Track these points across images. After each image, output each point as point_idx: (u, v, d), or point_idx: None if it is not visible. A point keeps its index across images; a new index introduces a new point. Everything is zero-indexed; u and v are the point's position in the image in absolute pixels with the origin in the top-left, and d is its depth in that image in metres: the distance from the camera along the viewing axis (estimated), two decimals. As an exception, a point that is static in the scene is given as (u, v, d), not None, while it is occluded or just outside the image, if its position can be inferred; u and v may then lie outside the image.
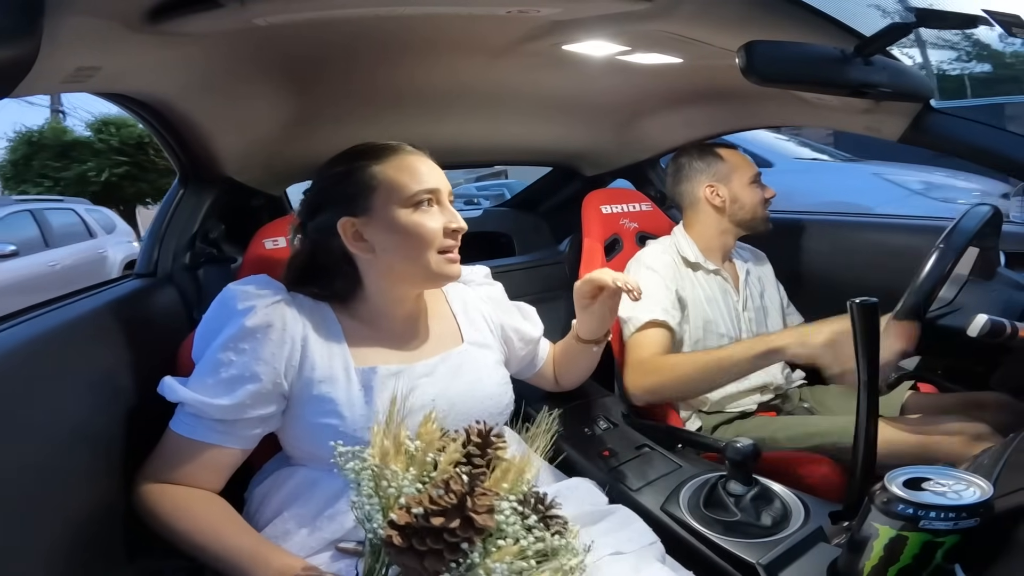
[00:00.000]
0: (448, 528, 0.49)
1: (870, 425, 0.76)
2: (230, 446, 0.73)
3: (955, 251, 0.85)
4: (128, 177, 9.92)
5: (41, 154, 9.89)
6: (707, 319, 1.27)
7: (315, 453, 0.76)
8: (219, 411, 0.71)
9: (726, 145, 1.41)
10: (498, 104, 1.33)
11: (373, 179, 0.78)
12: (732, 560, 0.78)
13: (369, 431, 0.72)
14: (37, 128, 10.17)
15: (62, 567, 0.62)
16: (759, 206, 1.33)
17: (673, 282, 1.26)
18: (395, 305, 0.83)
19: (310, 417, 0.75)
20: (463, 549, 0.50)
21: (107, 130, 9.96)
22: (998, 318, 0.81)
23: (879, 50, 0.87)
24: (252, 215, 1.39)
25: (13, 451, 0.59)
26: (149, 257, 1.12)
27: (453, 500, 0.50)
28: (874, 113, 1.11)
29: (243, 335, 0.73)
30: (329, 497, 0.74)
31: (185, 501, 0.71)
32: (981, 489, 0.58)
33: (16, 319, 0.74)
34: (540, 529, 0.54)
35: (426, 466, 0.56)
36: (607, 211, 1.52)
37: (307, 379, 0.75)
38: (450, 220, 0.80)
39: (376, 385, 0.76)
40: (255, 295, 0.76)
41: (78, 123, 13.34)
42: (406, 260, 0.79)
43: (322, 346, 0.77)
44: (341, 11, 0.79)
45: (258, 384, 0.72)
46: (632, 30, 0.90)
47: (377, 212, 0.77)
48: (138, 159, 9.90)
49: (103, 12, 0.63)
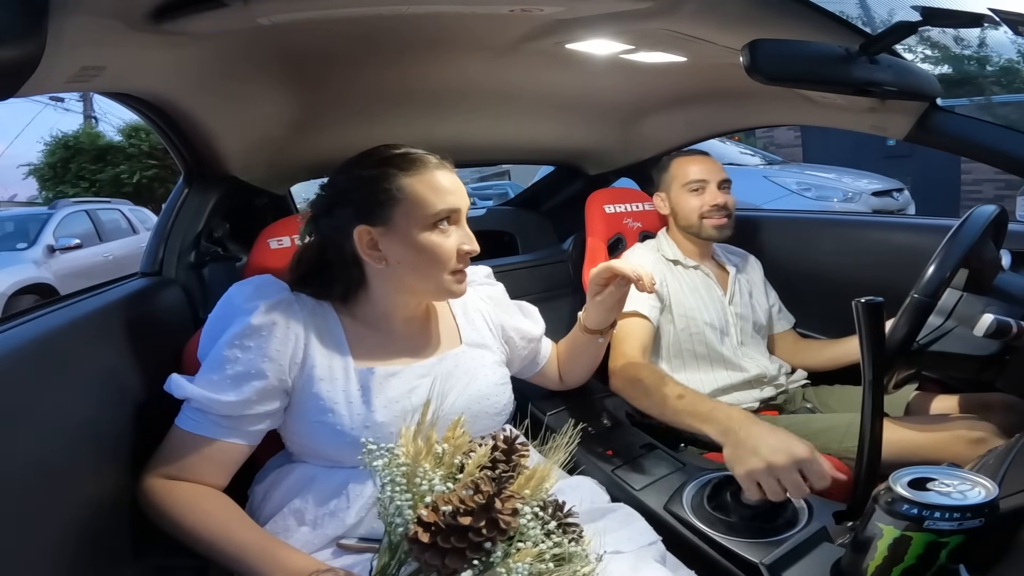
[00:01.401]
0: (474, 527, 0.51)
1: (875, 425, 0.75)
2: (235, 441, 0.74)
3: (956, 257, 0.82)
4: (157, 179, 10.82)
5: (78, 157, 10.96)
6: (688, 307, 1.31)
7: (315, 449, 0.77)
8: (225, 407, 0.72)
9: (689, 152, 1.45)
10: (502, 103, 1.33)
11: (399, 192, 0.77)
12: (735, 560, 0.78)
13: (367, 430, 0.73)
14: (72, 133, 11.25)
15: (68, 564, 0.62)
16: (693, 213, 1.36)
17: (655, 278, 1.27)
18: (397, 309, 0.84)
19: (310, 414, 0.76)
20: (485, 548, 0.51)
21: (137, 135, 10.91)
22: (1004, 318, 0.80)
23: (884, 48, 0.86)
24: (257, 214, 1.39)
25: (20, 448, 0.59)
26: (154, 256, 1.13)
27: (481, 500, 0.51)
28: (880, 112, 1.11)
29: (248, 333, 0.74)
30: (328, 493, 0.75)
31: (191, 496, 0.72)
32: (986, 489, 0.58)
33: (23, 317, 0.75)
34: (558, 534, 0.55)
35: (452, 468, 0.58)
36: (610, 210, 1.53)
37: (308, 377, 0.76)
38: (464, 242, 0.80)
39: (374, 385, 0.77)
40: (260, 294, 0.78)
41: (109, 128, 14.45)
42: (417, 276, 0.79)
43: (323, 345, 0.78)
44: (344, 10, 0.79)
45: (264, 381, 0.73)
46: (635, 29, 0.90)
47: (396, 225, 0.77)
48: (166, 162, 10.51)
49: (107, 12, 0.63)
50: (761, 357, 1.34)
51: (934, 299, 0.80)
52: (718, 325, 1.31)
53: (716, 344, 1.29)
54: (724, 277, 1.41)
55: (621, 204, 1.55)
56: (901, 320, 0.81)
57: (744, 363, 1.30)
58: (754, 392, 1.28)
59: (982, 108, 6.95)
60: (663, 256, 1.37)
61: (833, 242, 1.56)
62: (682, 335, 1.30)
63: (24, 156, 10.64)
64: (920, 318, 0.80)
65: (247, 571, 0.66)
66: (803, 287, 1.54)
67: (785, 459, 0.77)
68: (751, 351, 1.34)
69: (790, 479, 0.77)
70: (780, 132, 8.85)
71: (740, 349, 1.32)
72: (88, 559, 0.65)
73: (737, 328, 1.34)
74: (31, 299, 5.25)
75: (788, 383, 1.34)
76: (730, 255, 1.49)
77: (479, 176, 12.23)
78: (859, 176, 5.16)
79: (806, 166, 5.90)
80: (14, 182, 10.72)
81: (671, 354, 1.31)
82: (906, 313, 0.81)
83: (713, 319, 1.31)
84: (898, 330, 0.81)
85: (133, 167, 10.78)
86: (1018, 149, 1.02)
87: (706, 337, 1.29)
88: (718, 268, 1.42)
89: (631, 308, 1.23)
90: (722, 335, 1.31)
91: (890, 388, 0.97)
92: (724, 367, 1.29)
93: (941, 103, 1.07)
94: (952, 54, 7.54)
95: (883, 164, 6.43)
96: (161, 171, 10.75)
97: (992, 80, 7.53)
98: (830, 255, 1.54)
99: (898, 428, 1.02)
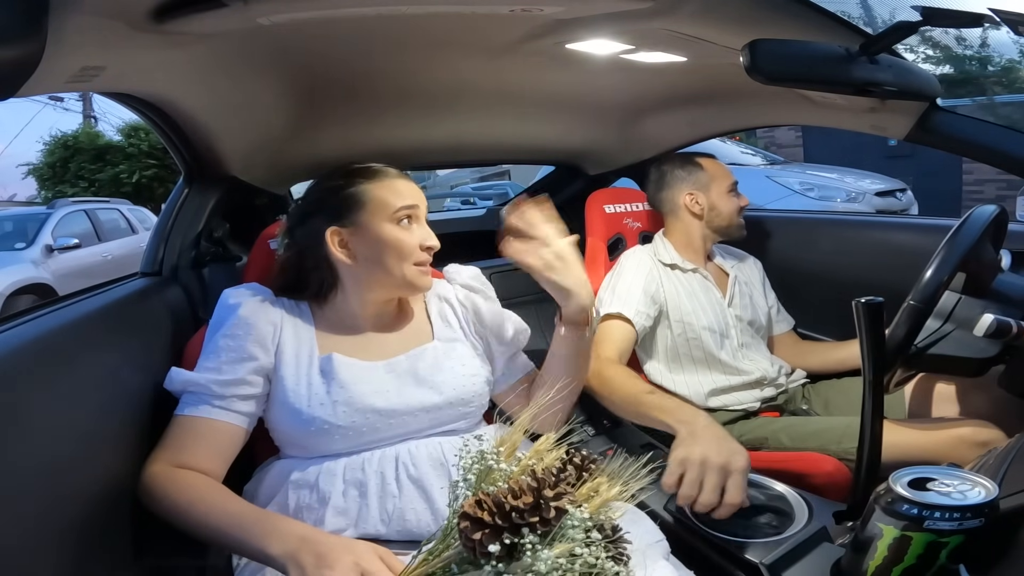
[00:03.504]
0: (517, 507, 0.52)
1: (875, 424, 0.75)
2: (228, 421, 0.79)
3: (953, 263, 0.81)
4: (157, 179, 10.79)
5: (77, 157, 10.88)
6: (685, 312, 1.30)
7: (286, 435, 0.83)
8: (219, 385, 0.79)
9: (706, 155, 1.46)
10: (501, 103, 1.33)
11: (364, 196, 0.87)
12: (735, 560, 0.78)
13: (321, 407, 0.80)
14: (72, 133, 11.15)
15: (68, 564, 0.62)
16: (734, 214, 1.40)
17: (651, 283, 1.29)
18: (367, 307, 0.90)
19: (278, 396, 0.82)
20: (521, 532, 0.52)
21: (137, 135, 10.83)
22: (1004, 317, 0.80)
23: (884, 48, 0.86)
24: (256, 214, 1.39)
25: (21, 448, 0.59)
26: (154, 256, 1.13)
27: (534, 485, 0.54)
28: (880, 112, 1.11)
29: (237, 322, 0.83)
30: (305, 487, 0.79)
31: (187, 476, 0.74)
32: (986, 489, 0.58)
33: (25, 317, 0.75)
34: (598, 548, 0.56)
35: (526, 468, 0.60)
36: (610, 210, 1.53)
37: (279, 362, 0.84)
38: (425, 238, 0.89)
39: (332, 369, 0.82)
40: (246, 293, 0.88)
41: (108, 128, 14.18)
42: (384, 269, 0.87)
43: (294, 335, 0.86)
44: (344, 10, 0.79)
45: (254, 362, 0.82)
46: (635, 28, 0.90)
47: (363, 225, 0.86)
48: (165, 162, 10.46)
49: (107, 11, 0.63)
50: (761, 358, 1.34)
51: (931, 304, 0.80)
52: (717, 328, 1.30)
53: (714, 349, 1.29)
54: (723, 279, 1.41)
55: (621, 204, 1.55)
56: (899, 324, 0.81)
57: (744, 365, 1.30)
58: (755, 392, 1.28)
59: (984, 108, 6.96)
60: (660, 261, 1.36)
61: (833, 242, 1.56)
62: (679, 340, 1.30)
63: (23, 156, 10.65)
64: (918, 322, 0.81)
65: (244, 541, 0.67)
66: (803, 287, 1.54)
67: (719, 460, 0.82)
68: (752, 353, 1.34)
69: (712, 479, 0.81)
70: (781, 132, 8.84)
71: (740, 351, 1.32)
72: (89, 559, 0.65)
73: (737, 330, 1.33)
74: (29, 299, 5.23)
75: (788, 383, 1.34)
76: (730, 256, 1.48)
77: (479, 176, 12.23)
78: (862, 176, 5.17)
79: (808, 166, 5.90)
80: (13, 182, 10.72)
81: (669, 358, 1.31)
82: (903, 317, 0.81)
83: (712, 323, 1.30)
84: (896, 334, 0.81)
85: (132, 167, 10.74)
86: (1018, 149, 1.02)
87: (704, 342, 1.29)
88: (717, 270, 1.42)
89: (614, 309, 1.24)
90: (722, 338, 1.31)
91: (890, 388, 0.97)
92: (722, 370, 1.29)
93: (944, 103, 1.06)
94: (954, 54, 7.54)
95: (884, 164, 6.43)
96: (160, 171, 10.71)
97: (994, 80, 7.53)
98: (830, 255, 1.54)
99: (899, 430, 1.02)
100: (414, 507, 0.78)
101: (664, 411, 0.95)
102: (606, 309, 1.26)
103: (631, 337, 1.23)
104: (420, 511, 0.78)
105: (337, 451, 0.81)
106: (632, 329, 1.23)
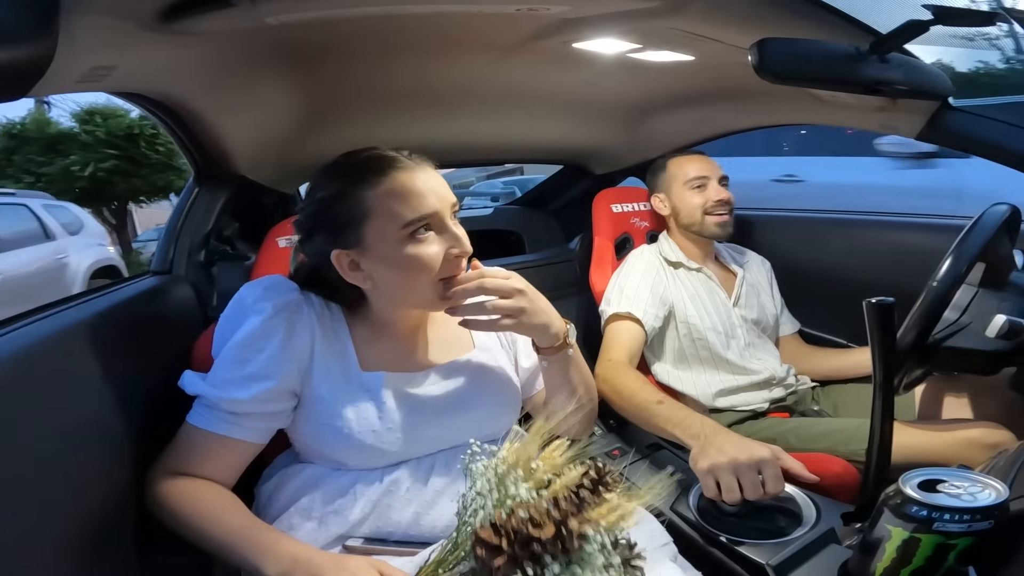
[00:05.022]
0: (540, 540, 0.51)
1: (885, 426, 0.75)
2: (243, 439, 0.75)
3: (969, 256, 0.81)
4: (118, 172, 8.88)
5: (24, 148, 8.84)
6: (690, 313, 1.30)
7: (321, 451, 0.77)
8: (234, 405, 0.73)
9: (685, 151, 1.45)
10: (508, 102, 1.33)
11: (364, 207, 0.72)
12: (742, 561, 0.78)
13: (374, 434, 0.74)
14: (19, 120, 9.06)
15: (75, 561, 0.63)
16: (696, 210, 1.35)
17: (658, 283, 1.29)
18: (400, 320, 0.82)
19: (317, 417, 0.76)
20: (544, 562, 0.51)
21: (93, 120, 8.84)
22: (1016, 319, 0.79)
23: (895, 47, 0.86)
24: (265, 213, 1.40)
25: (29, 446, 0.60)
26: (165, 255, 1.15)
27: (557, 516, 0.52)
28: (890, 111, 1.09)
29: (259, 335, 0.74)
30: (334, 493, 0.76)
31: (193, 487, 0.72)
32: (996, 491, 0.57)
33: (33, 317, 0.76)
34: (617, 571, 0.55)
35: (541, 483, 0.59)
36: (617, 209, 1.52)
37: (315, 381, 0.76)
38: (452, 244, 0.74)
39: (380, 390, 0.77)
40: (269, 295, 0.77)
41: (64, 114, 12.21)
42: (405, 291, 0.76)
43: (330, 350, 0.78)
44: (352, 10, 0.79)
45: (273, 382, 0.73)
46: (642, 27, 0.90)
47: (370, 244, 0.73)
48: (128, 152, 8.86)
49: (118, 11, 0.64)
50: (770, 358, 1.33)
51: (952, 290, 0.79)
52: (722, 329, 1.30)
53: (720, 349, 1.28)
54: (730, 279, 1.40)
55: (628, 203, 1.55)
56: (917, 312, 0.81)
57: (752, 365, 1.29)
58: (763, 393, 1.27)
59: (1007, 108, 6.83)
60: (665, 259, 1.36)
61: (843, 242, 1.55)
62: (685, 340, 1.30)
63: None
64: (937, 309, 0.80)
65: (241, 558, 0.67)
66: (812, 287, 1.52)
67: (747, 457, 0.84)
68: (760, 352, 1.33)
69: (749, 477, 0.82)
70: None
71: (747, 351, 1.31)
72: (95, 556, 0.66)
73: (744, 330, 1.33)
74: None
75: (798, 384, 1.33)
76: (737, 256, 1.48)
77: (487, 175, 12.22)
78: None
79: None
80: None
81: (676, 358, 1.31)
82: (923, 304, 0.80)
83: (717, 323, 1.29)
84: (913, 322, 0.81)
85: (87, 158, 8.64)
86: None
87: (709, 342, 1.28)
88: (723, 270, 1.41)
89: (623, 309, 1.24)
90: (727, 338, 1.30)
91: (900, 390, 0.96)
92: (730, 370, 1.28)
93: (960, 103, 1.05)
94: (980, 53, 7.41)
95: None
96: (122, 162, 8.77)
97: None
98: (840, 255, 1.53)
99: (909, 432, 1.01)
100: (445, 512, 0.75)
101: (674, 424, 0.97)
102: (614, 309, 1.25)
103: (640, 337, 1.22)
104: (454, 517, 0.76)
105: (374, 465, 0.77)
106: (641, 329, 1.22)
